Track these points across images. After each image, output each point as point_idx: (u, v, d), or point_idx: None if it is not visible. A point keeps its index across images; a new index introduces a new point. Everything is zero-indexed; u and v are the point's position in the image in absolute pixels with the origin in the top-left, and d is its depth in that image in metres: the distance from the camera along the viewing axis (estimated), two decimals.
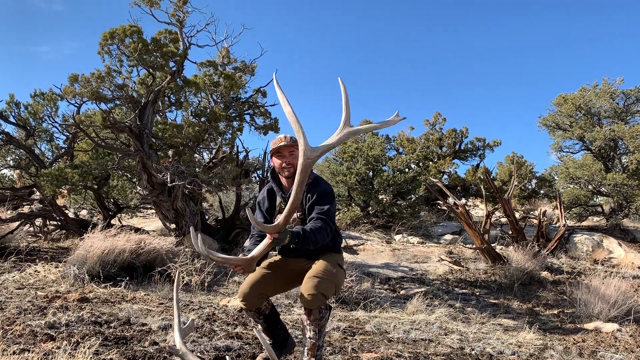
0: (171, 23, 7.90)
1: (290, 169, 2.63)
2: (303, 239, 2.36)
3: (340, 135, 2.29)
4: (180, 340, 2.24)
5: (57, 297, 4.39)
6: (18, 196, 9.81)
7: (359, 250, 10.15)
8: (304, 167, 2.24)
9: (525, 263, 8.06)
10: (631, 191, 12.56)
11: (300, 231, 2.37)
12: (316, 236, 2.40)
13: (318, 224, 2.45)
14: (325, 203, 2.57)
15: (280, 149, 2.65)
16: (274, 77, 2.25)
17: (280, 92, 2.22)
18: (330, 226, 2.53)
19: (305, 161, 2.23)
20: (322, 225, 2.45)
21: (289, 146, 2.63)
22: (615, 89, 13.87)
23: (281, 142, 2.65)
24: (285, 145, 2.63)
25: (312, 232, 2.40)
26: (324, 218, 2.49)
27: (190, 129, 7.41)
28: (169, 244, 6.73)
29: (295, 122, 2.21)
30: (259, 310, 2.74)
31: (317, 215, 2.50)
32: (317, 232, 2.41)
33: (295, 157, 2.60)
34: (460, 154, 17.39)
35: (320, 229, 2.43)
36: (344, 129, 2.30)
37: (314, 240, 2.40)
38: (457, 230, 13.22)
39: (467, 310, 6.18)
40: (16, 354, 2.68)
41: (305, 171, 2.25)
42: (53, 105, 10.21)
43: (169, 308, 4.40)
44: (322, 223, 2.46)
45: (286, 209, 2.28)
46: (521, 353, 3.86)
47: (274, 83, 2.25)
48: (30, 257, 6.62)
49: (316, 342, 2.50)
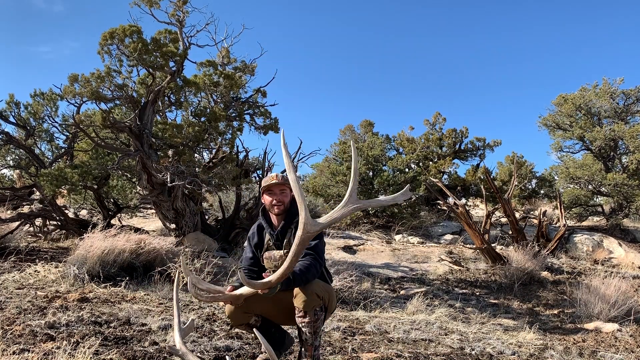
0: (171, 23, 7.91)
1: (281, 207, 2.66)
2: (293, 283, 2.39)
3: (344, 210, 2.24)
4: (180, 340, 2.23)
5: (57, 297, 4.39)
6: (18, 196, 9.81)
7: (359, 250, 10.15)
8: (302, 240, 2.22)
9: (526, 263, 8.05)
10: (631, 191, 12.56)
11: (290, 278, 2.37)
12: (307, 276, 2.42)
13: (307, 262, 2.46)
14: (318, 244, 2.58)
15: (271, 187, 2.68)
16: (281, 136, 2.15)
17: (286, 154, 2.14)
18: (320, 262, 2.54)
19: (305, 235, 2.21)
20: (312, 263, 2.46)
21: (280, 184, 2.66)
22: (615, 89, 13.88)
23: (272, 180, 2.69)
24: (276, 183, 2.65)
25: (302, 272, 2.41)
26: (313, 254, 2.49)
27: (190, 129, 7.41)
28: (169, 244, 6.72)
29: (299, 194, 2.17)
30: (248, 325, 2.73)
31: (306, 251, 2.49)
32: (307, 271, 2.43)
33: (285, 196, 2.67)
34: (460, 154, 17.39)
35: (310, 267, 2.45)
36: (350, 203, 2.23)
37: (305, 280, 2.42)
38: (457, 230, 13.22)
39: (467, 310, 6.18)
40: (16, 354, 2.68)
41: (302, 244, 2.23)
42: (53, 105, 10.22)
43: (169, 308, 4.40)
44: (310, 260, 2.47)
45: (279, 271, 2.26)
46: (521, 353, 3.86)
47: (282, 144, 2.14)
48: (30, 257, 6.62)
49: (312, 342, 2.51)
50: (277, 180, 2.66)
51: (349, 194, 2.23)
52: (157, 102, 7.92)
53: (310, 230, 2.20)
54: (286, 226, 2.65)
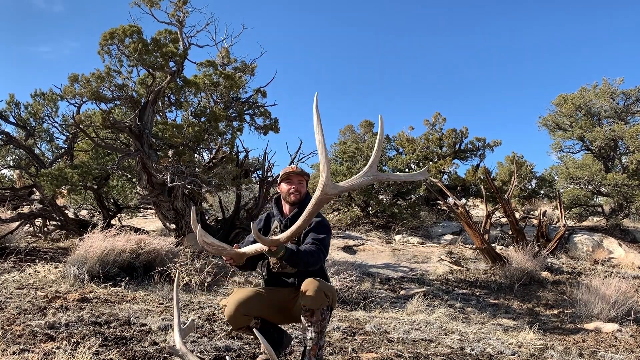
0: (171, 23, 7.91)
1: (297, 196, 2.71)
2: (296, 257, 2.38)
3: (364, 179, 2.21)
4: (180, 341, 2.24)
5: (57, 297, 4.39)
6: (18, 196, 9.81)
7: (359, 250, 10.15)
8: (319, 200, 2.20)
9: (526, 263, 8.05)
10: (631, 191, 12.56)
11: (294, 249, 2.39)
12: (308, 258, 2.43)
13: (312, 248, 2.49)
14: (322, 233, 2.61)
15: (290, 175, 2.75)
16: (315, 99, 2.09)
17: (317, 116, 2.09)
18: (324, 253, 2.56)
19: (323, 196, 2.18)
20: (316, 250, 2.48)
21: (299, 174, 2.75)
22: (615, 89, 13.87)
23: (292, 169, 2.77)
24: (295, 172, 2.74)
25: (306, 253, 2.43)
26: (318, 245, 2.53)
27: (190, 129, 7.41)
28: (169, 244, 6.73)
29: (323, 154, 2.14)
30: (248, 327, 2.70)
31: (313, 241, 2.54)
32: (310, 254, 2.45)
33: (303, 186, 2.74)
34: (460, 154, 17.38)
35: (314, 252, 2.47)
36: (370, 173, 2.20)
37: (306, 262, 2.43)
38: (457, 231, 13.22)
39: (467, 310, 6.18)
40: (16, 354, 2.68)
41: (319, 204, 2.21)
42: (53, 105, 10.22)
43: (169, 308, 4.40)
44: (315, 248, 2.49)
45: (291, 229, 2.27)
46: (521, 353, 3.86)
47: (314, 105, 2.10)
48: (30, 257, 6.62)
49: (317, 342, 2.52)
50: (296, 171, 2.76)
51: (370, 165, 2.21)
52: (157, 102, 7.92)
53: (328, 192, 2.17)
54: (297, 215, 2.61)
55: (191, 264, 5.93)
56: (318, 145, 2.15)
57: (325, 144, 2.13)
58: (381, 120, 2.16)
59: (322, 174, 2.16)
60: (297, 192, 2.71)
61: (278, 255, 2.31)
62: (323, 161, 2.14)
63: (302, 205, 2.66)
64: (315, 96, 2.09)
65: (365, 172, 2.20)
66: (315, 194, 2.20)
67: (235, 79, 8.55)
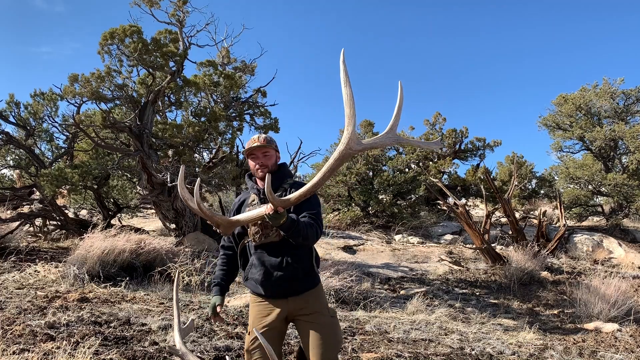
0: (171, 23, 7.92)
1: (265, 170, 2.45)
2: (296, 227, 2.17)
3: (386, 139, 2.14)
4: (180, 340, 2.23)
5: (57, 297, 4.39)
6: (18, 196, 9.81)
7: (359, 250, 10.15)
8: (342, 155, 2.06)
9: (525, 263, 8.06)
10: (631, 191, 12.56)
11: (295, 218, 2.19)
12: (307, 231, 2.23)
13: (311, 221, 2.30)
14: (315, 206, 2.42)
15: (253, 150, 2.47)
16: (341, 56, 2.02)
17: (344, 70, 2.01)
18: (320, 228, 2.37)
19: (347, 151, 2.06)
20: (314, 224, 2.30)
21: (262, 147, 2.46)
22: (615, 89, 13.87)
23: (254, 142, 2.46)
24: (258, 146, 2.45)
25: (305, 225, 2.22)
26: (315, 219, 2.34)
27: (190, 129, 7.41)
28: (168, 244, 6.73)
29: (351, 107, 2.02)
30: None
31: (309, 214, 2.34)
32: (309, 227, 2.25)
33: (269, 158, 2.46)
34: (460, 154, 17.38)
35: (312, 225, 2.28)
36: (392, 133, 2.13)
37: (304, 235, 2.22)
38: (457, 230, 13.22)
39: (467, 310, 6.18)
40: (16, 354, 2.68)
41: (342, 159, 2.08)
42: (53, 105, 10.22)
43: (169, 308, 4.39)
44: (314, 222, 2.31)
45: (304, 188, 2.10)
46: (521, 353, 3.86)
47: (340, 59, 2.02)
48: (30, 257, 6.62)
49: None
50: (258, 143, 2.45)
51: (391, 127, 2.13)
52: (157, 102, 7.93)
53: (353, 147, 2.06)
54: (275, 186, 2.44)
55: (191, 264, 5.93)
56: (345, 97, 2.03)
57: (353, 97, 2.04)
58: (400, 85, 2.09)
59: (348, 127, 2.05)
60: (264, 167, 2.46)
61: (280, 220, 2.08)
62: (350, 114, 2.03)
63: (275, 178, 2.45)
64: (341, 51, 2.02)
65: (387, 133, 2.14)
66: (339, 148, 2.07)
67: (235, 79, 8.55)
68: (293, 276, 2.36)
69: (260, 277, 2.39)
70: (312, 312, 2.37)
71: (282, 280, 2.35)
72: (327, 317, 2.39)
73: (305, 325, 2.36)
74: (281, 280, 2.35)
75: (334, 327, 2.39)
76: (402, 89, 2.09)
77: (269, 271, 2.37)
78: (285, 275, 2.35)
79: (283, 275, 2.35)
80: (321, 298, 2.46)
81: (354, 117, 2.03)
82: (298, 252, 2.38)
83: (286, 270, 2.35)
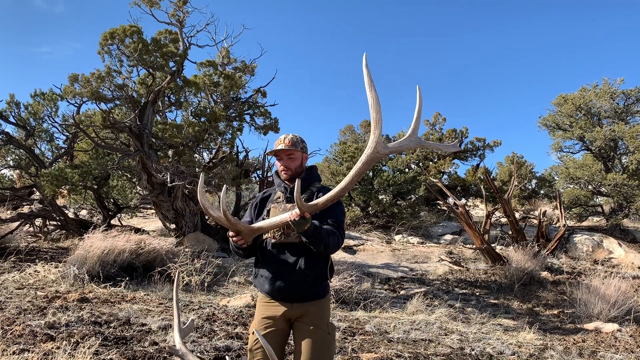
0: (171, 23, 7.92)
1: (288, 173, 2.42)
2: (319, 234, 2.15)
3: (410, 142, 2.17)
4: (180, 341, 2.23)
5: (57, 297, 4.39)
6: (18, 196, 9.81)
7: (359, 250, 10.15)
8: (370, 159, 2.07)
9: (525, 263, 8.05)
10: (631, 191, 12.56)
11: (318, 225, 2.15)
12: (329, 239, 2.21)
13: (334, 229, 2.26)
14: (339, 213, 2.38)
15: (277, 153, 2.44)
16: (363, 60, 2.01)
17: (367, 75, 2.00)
18: (342, 238, 2.33)
19: (375, 154, 2.08)
20: (337, 233, 2.27)
21: (287, 150, 2.41)
22: (615, 89, 13.88)
23: (279, 144, 2.42)
24: (281, 149, 2.41)
25: (328, 233, 2.20)
26: (338, 227, 2.31)
27: (190, 129, 7.41)
28: (168, 244, 6.72)
29: (377, 111, 2.04)
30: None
31: (332, 223, 2.31)
32: (332, 235, 2.22)
33: (293, 161, 2.42)
34: (460, 154, 17.39)
35: (335, 234, 2.25)
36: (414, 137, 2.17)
37: (326, 243, 2.20)
38: (457, 231, 13.22)
39: (467, 310, 6.18)
40: (16, 354, 2.68)
41: (369, 163, 2.08)
42: (53, 105, 10.22)
43: (169, 308, 4.39)
44: (337, 230, 2.28)
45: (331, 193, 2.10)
46: (521, 353, 3.86)
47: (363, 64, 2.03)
48: (30, 257, 6.62)
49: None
50: (283, 145, 2.41)
51: (412, 131, 2.15)
52: (157, 102, 7.93)
53: (380, 151, 2.08)
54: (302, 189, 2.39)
55: (191, 264, 5.93)
56: (371, 101, 2.03)
57: (379, 100, 2.05)
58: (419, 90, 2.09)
59: (375, 131, 2.06)
60: (288, 169, 2.43)
61: (305, 226, 2.06)
62: (376, 118, 2.04)
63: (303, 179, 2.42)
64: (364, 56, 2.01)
65: (409, 136, 2.16)
66: (366, 152, 2.08)
67: (235, 79, 8.55)
68: (302, 282, 2.31)
69: (269, 277, 2.35)
70: (311, 323, 2.33)
71: (290, 284, 2.31)
72: (324, 332, 2.34)
73: (301, 335, 2.33)
74: (289, 284, 2.31)
75: (327, 345, 2.34)
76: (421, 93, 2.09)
77: (280, 272, 2.33)
78: (295, 279, 2.30)
79: (292, 279, 2.30)
80: (324, 312, 2.41)
81: (380, 122, 2.05)
82: (313, 258, 2.33)
83: (297, 275, 2.30)
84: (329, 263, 2.41)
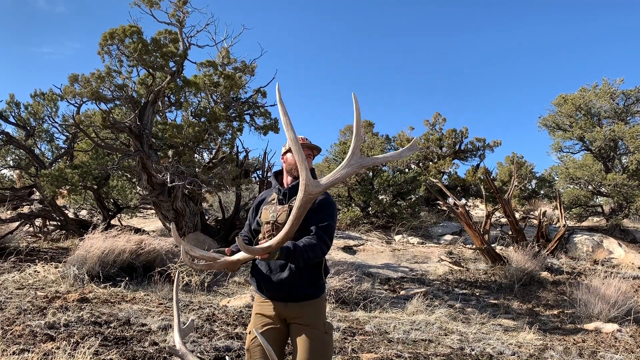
0: (171, 23, 7.91)
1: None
2: (293, 255, 2.16)
3: (349, 169, 2.02)
4: (180, 341, 2.23)
5: (56, 298, 4.39)
6: (18, 196, 9.81)
7: (359, 250, 10.14)
8: (304, 202, 2.02)
9: (526, 263, 8.05)
10: (631, 191, 12.56)
11: (290, 246, 2.15)
12: (308, 254, 2.20)
13: (313, 241, 2.24)
14: (327, 215, 2.36)
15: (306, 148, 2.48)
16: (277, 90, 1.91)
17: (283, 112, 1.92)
18: (327, 244, 2.31)
19: (307, 197, 2.01)
20: (317, 243, 2.24)
21: (308, 148, 2.49)
22: (615, 89, 13.87)
23: (302, 141, 2.47)
24: (305, 146, 2.46)
25: (305, 249, 2.19)
26: (321, 234, 2.28)
27: (190, 129, 7.41)
28: (168, 245, 6.72)
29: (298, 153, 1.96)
30: None
31: (316, 229, 2.29)
32: (311, 249, 2.20)
33: (310, 161, 2.48)
34: (460, 154, 17.39)
35: (315, 246, 2.22)
36: (353, 161, 2.01)
37: (305, 258, 2.20)
38: (457, 231, 13.22)
39: (467, 310, 6.18)
40: (16, 354, 2.68)
41: (304, 207, 2.04)
42: (53, 105, 10.22)
43: (169, 308, 4.39)
44: (317, 240, 2.25)
45: (279, 235, 2.09)
46: (521, 353, 3.86)
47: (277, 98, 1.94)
48: (30, 257, 6.62)
49: None
50: (306, 143, 2.49)
51: (352, 152, 2.00)
52: (157, 102, 7.93)
53: (311, 192, 2.01)
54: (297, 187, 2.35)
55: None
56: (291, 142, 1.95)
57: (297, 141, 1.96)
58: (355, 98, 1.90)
59: (301, 173, 1.98)
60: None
61: (273, 259, 2.13)
62: (299, 160, 1.95)
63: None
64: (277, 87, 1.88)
65: (348, 160, 2.01)
66: (298, 196, 2.03)
67: (235, 79, 8.55)
68: (294, 282, 2.32)
69: (262, 277, 2.39)
70: (307, 324, 2.33)
71: (282, 284, 2.33)
72: (320, 332, 2.35)
73: (298, 336, 2.33)
74: (282, 284, 2.33)
75: (324, 345, 2.35)
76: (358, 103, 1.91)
77: (272, 272, 2.36)
78: (287, 279, 2.32)
79: (285, 279, 2.32)
80: (320, 310, 2.42)
81: (304, 162, 1.98)
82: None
83: (289, 275, 2.32)
84: (323, 264, 2.42)
